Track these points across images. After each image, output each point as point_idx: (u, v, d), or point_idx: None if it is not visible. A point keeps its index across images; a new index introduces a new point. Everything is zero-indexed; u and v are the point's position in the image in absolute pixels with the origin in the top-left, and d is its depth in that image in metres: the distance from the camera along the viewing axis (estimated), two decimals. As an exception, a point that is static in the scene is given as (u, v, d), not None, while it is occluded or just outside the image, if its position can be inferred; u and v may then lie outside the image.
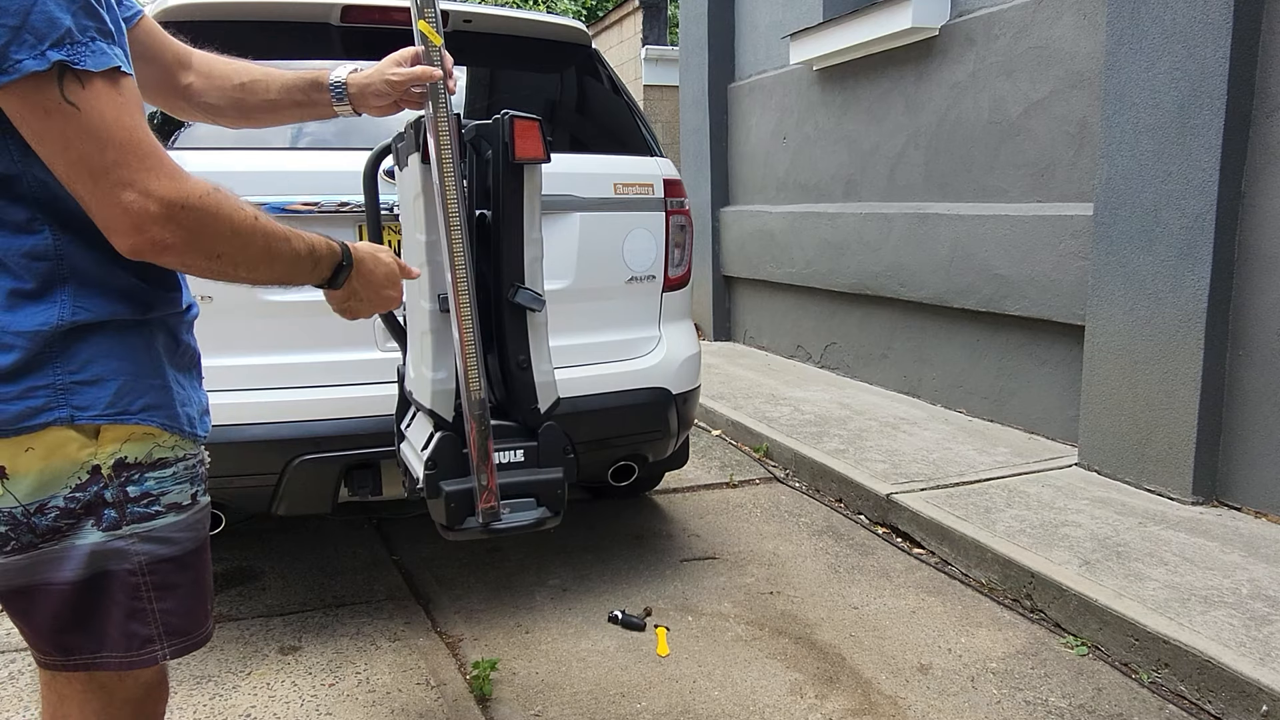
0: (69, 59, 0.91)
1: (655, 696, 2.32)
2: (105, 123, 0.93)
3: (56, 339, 1.02)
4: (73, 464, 1.05)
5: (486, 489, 1.97)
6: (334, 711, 2.24)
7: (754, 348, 6.80)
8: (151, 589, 1.12)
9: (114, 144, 0.94)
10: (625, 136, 3.00)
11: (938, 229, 4.73)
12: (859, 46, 5.19)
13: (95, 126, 0.93)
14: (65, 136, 0.92)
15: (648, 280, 2.91)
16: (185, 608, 1.17)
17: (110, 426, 1.06)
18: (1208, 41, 3.12)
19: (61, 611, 1.09)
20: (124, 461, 1.08)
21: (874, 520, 3.53)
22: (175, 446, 1.14)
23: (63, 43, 0.91)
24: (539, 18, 2.98)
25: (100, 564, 1.08)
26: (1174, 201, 3.29)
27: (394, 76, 1.64)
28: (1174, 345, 3.33)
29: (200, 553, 1.20)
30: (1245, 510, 3.25)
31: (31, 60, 0.89)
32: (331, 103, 1.61)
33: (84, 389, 1.04)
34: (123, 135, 0.94)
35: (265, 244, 1.11)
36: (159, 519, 1.12)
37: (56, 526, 1.05)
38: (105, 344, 1.06)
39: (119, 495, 1.08)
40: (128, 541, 1.09)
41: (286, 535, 3.34)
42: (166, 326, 1.14)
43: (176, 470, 1.14)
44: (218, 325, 2.41)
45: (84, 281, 1.04)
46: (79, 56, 0.92)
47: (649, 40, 10.63)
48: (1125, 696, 2.34)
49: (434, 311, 2.06)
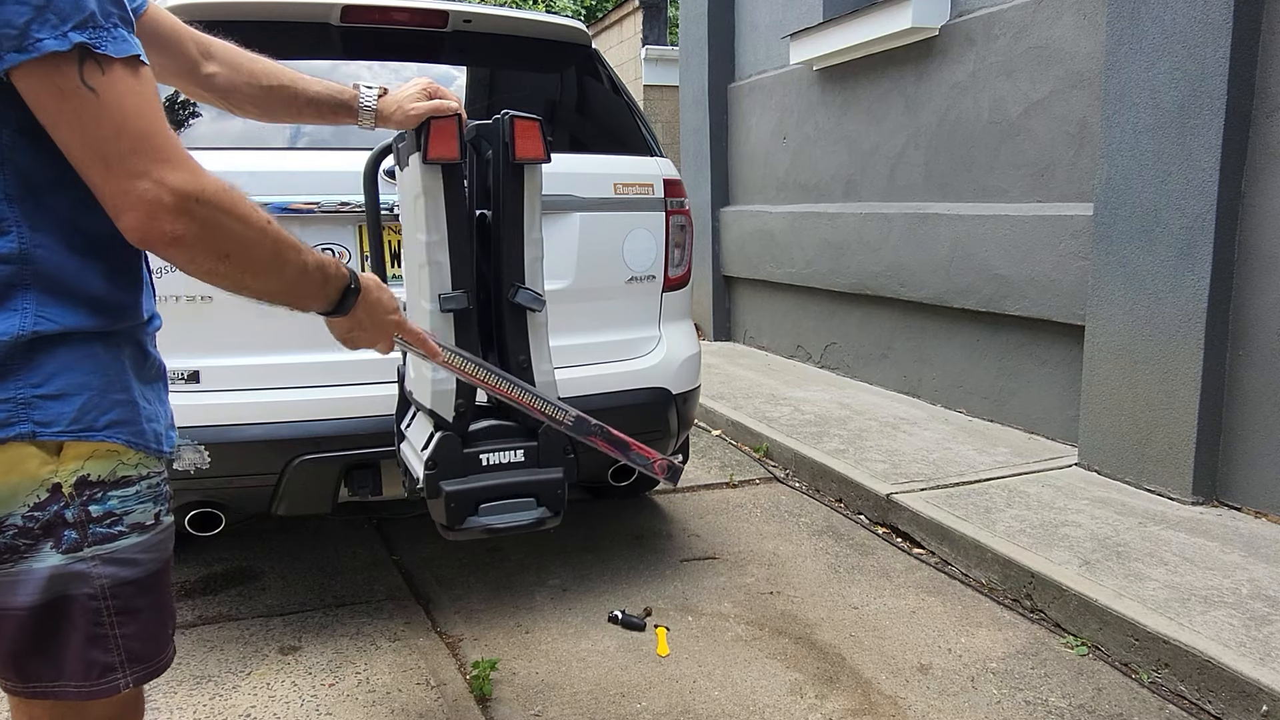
0: (90, 42, 0.90)
1: (655, 696, 2.32)
2: (123, 110, 0.92)
3: (19, 350, 0.97)
4: (32, 481, 1.00)
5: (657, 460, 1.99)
6: (334, 711, 2.24)
7: (754, 348, 6.80)
8: (113, 614, 1.07)
9: (130, 132, 0.93)
10: (625, 136, 3.00)
11: (938, 229, 4.73)
12: (859, 46, 5.19)
13: (113, 113, 0.92)
14: (81, 121, 0.91)
15: (648, 280, 2.91)
16: (148, 633, 1.12)
17: (74, 443, 1.02)
18: (1208, 41, 3.12)
19: (19, 637, 1.04)
20: (86, 479, 1.03)
21: (874, 520, 3.53)
22: (140, 464, 1.09)
23: (85, 25, 0.90)
24: (539, 18, 2.98)
25: (60, 588, 1.03)
26: (1174, 201, 3.29)
27: (413, 110, 1.81)
28: (1174, 345, 3.33)
29: (163, 574, 1.14)
30: (1245, 510, 3.25)
31: (53, 40, 0.88)
32: (358, 123, 1.73)
33: (47, 403, 0.99)
34: (140, 124, 0.93)
35: (275, 249, 1.08)
36: (122, 539, 1.07)
37: (14, 545, 1.01)
38: (70, 356, 1.01)
39: (80, 515, 1.03)
40: (89, 564, 1.04)
41: (286, 535, 3.34)
42: (134, 338, 1.10)
43: (140, 489, 1.09)
44: (218, 325, 2.41)
45: (49, 289, 0.99)
46: (100, 41, 0.91)
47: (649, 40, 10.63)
48: (1125, 696, 2.34)
49: (434, 312, 2.06)
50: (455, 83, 2.92)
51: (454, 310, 2.06)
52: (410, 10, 2.69)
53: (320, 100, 1.65)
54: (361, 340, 1.34)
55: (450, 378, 2.11)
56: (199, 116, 2.53)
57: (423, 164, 1.96)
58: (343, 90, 1.69)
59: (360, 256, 2.52)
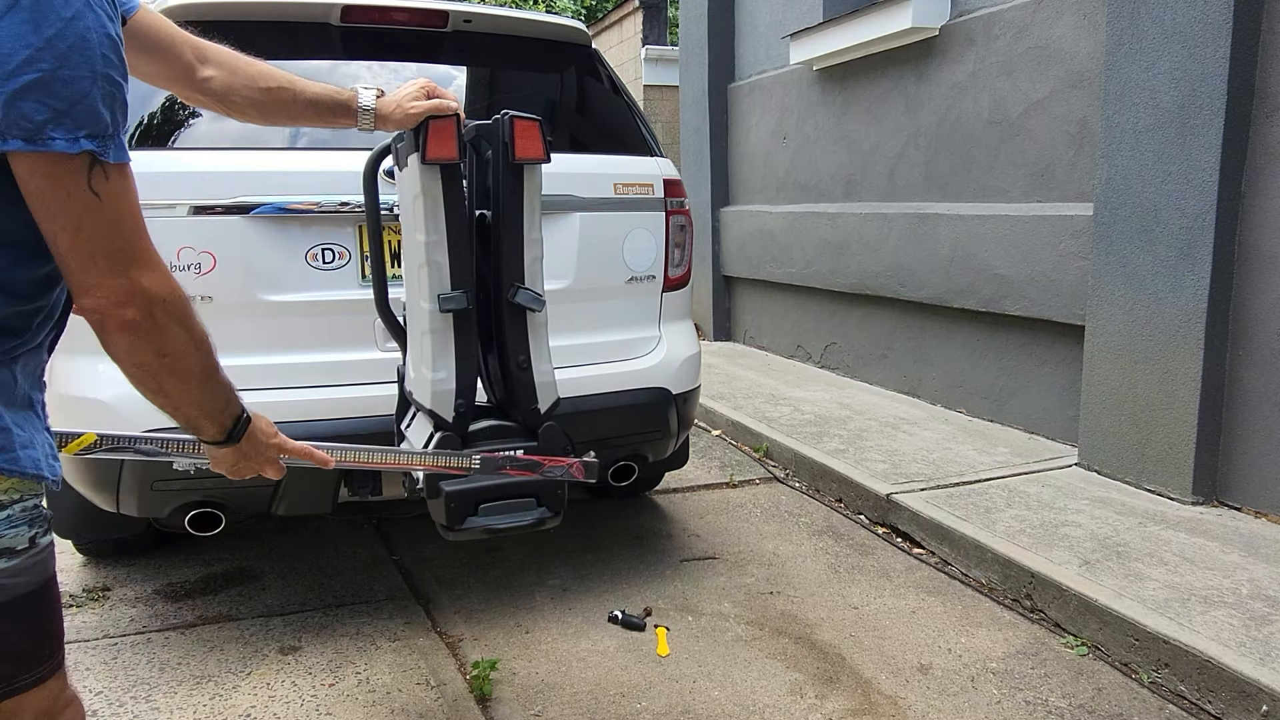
0: (98, 151, 0.96)
1: (655, 696, 2.32)
2: (119, 214, 1.00)
3: None
4: None
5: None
6: (334, 711, 2.24)
7: (754, 348, 6.80)
8: None
9: (121, 234, 1.00)
10: (625, 136, 3.00)
11: (938, 229, 4.73)
12: (859, 46, 5.18)
13: (110, 217, 0.99)
14: (80, 221, 0.97)
15: (648, 280, 2.91)
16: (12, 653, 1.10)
17: None
18: (1208, 41, 3.12)
19: None
20: None
21: (874, 520, 3.53)
22: (11, 489, 1.07)
23: (96, 135, 0.95)
24: (539, 18, 2.98)
25: None
26: (1174, 201, 3.29)
27: (412, 110, 1.83)
28: (1174, 345, 3.33)
29: (35, 597, 1.12)
30: (1245, 510, 3.25)
31: (65, 142, 0.93)
32: (356, 125, 1.75)
33: None
34: (130, 226, 1.01)
35: (204, 363, 1.17)
36: None
37: None
38: None
39: None
40: None
41: (286, 535, 3.34)
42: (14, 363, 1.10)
43: (12, 513, 1.07)
44: (218, 325, 2.39)
45: None
46: (106, 150, 0.97)
47: (649, 40, 10.63)
48: (1125, 696, 2.34)
49: (434, 312, 2.06)
50: (455, 83, 2.92)
51: (453, 310, 2.06)
52: (410, 10, 2.69)
53: (319, 102, 1.66)
54: (248, 469, 1.39)
55: (450, 377, 2.11)
56: (198, 116, 2.53)
57: (421, 164, 1.96)
58: (341, 92, 1.70)
59: (360, 256, 2.52)
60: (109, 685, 2.33)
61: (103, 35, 0.94)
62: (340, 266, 2.50)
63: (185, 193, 2.35)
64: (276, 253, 2.43)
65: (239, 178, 2.41)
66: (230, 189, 2.38)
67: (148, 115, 2.46)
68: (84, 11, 0.92)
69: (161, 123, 2.48)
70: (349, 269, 2.52)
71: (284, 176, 2.45)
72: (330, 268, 2.49)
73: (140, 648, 2.53)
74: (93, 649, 2.51)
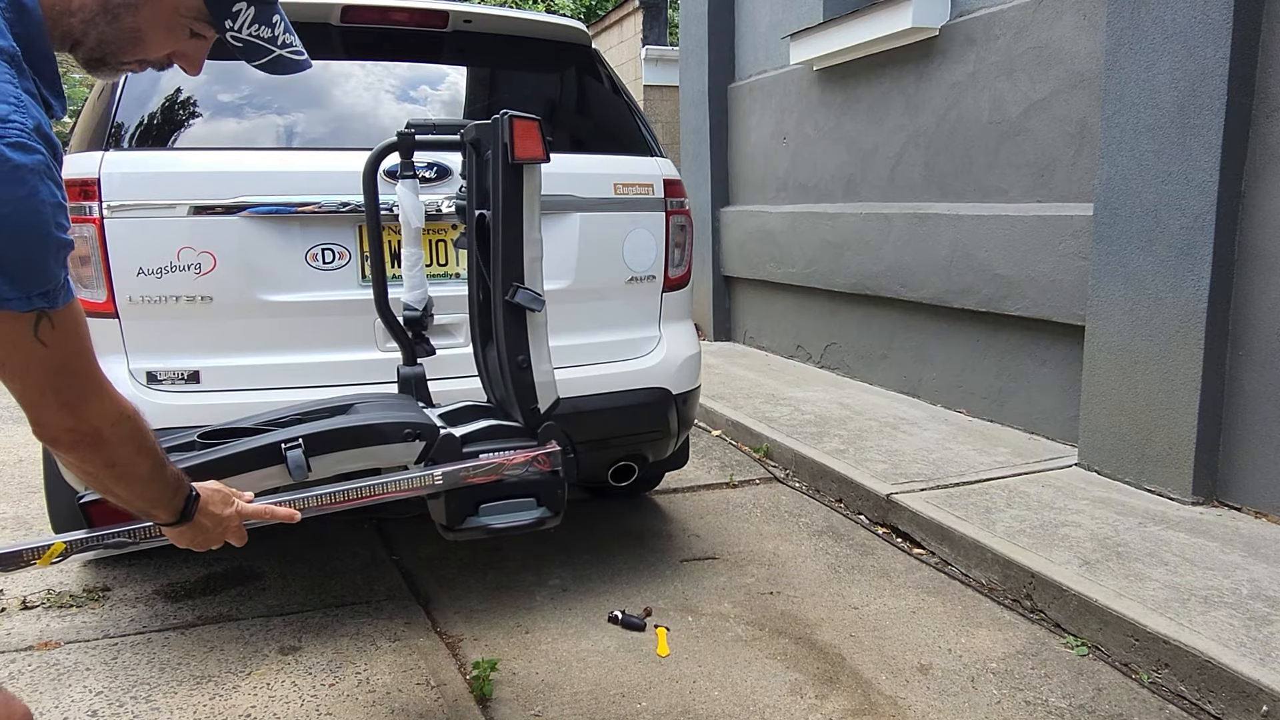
0: (48, 305, 0.99)
1: (655, 696, 2.32)
2: (65, 357, 1.03)
3: None
4: None
5: None
6: (334, 711, 2.24)
7: (754, 348, 6.80)
8: None
9: (67, 374, 1.04)
10: (625, 136, 3.00)
11: (938, 229, 4.73)
12: (859, 47, 5.18)
13: (56, 363, 1.02)
14: (28, 368, 1.01)
15: (648, 280, 2.91)
16: None
17: None
18: (1208, 41, 3.12)
19: None
20: None
21: (874, 520, 3.53)
22: None
23: (47, 292, 0.98)
24: (539, 18, 2.98)
25: None
26: (1174, 201, 3.29)
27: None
28: (1174, 345, 3.33)
29: None
30: (1245, 510, 3.25)
31: (18, 302, 0.96)
32: None
33: None
34: (77, 366, 1.05)
35: (152, 464, 1.21)
36: None
37: None
38: None
39: None
40: None
41: (286, 535, 3.33)
42: None
43: None
44: (218, 325, 2.41)
45: None
46: (55, 300, 0.99)
47: (649, 40, 10.63)
48: (1125, 696, 2.34)
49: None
50: (455, 83, 2.92)
51: None
52: (410, 10, 2.69)
53: None
54: (211, 540, 1.42)
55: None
56: (198, 117, 2.53)
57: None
58: None
59: (360, 257, 2.52)
60: (109, 685, 2.33)
61: (54, 205, 0.95)
62: (340, 267, 2.50)
63: (185, 193, 2.35)
64: (276, 253, 2.43)
65: (239, 178, 2.41)
66: (230, 189, 2.38)
67: (148, 115, 2.46)
68: (37, 187, 0.93)
69: (161, 123, 2.48)
70: (349, 269, 2.52)
71: (284, 177, 2.46)
72: (330, 268, 2.49)
73: (140, 648, 2.53)
74: (93, 649, 2.51)
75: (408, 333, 2.43)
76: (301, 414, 2.13)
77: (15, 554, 1.50)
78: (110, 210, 2.29)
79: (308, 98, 2.65)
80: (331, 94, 2.68)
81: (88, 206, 2.28)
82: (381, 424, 2.05)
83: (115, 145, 2.38)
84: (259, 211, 2.39)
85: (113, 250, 2.29)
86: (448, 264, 2.67)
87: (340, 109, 2.67)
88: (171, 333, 2.37)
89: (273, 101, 2.61)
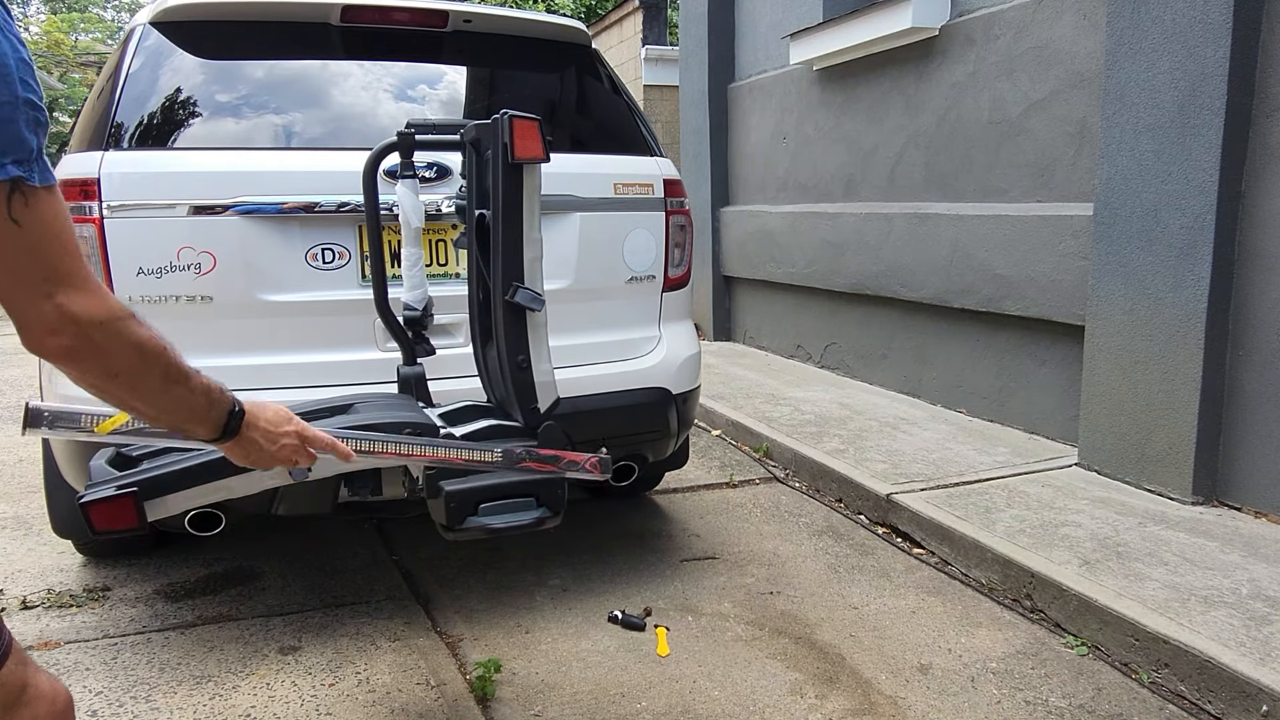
0: (24, 175, 0.93)
1: (655, 696, 2.32)
2: (42, 238, 0.95)
3: None
4: None
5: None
6: (334, 711, 2.24)
7: (754, 348, 6.80)
8: None
9: (45, 258, 0.96)
10: (625, 136, 3.00)
11: (938, 229, 4.73)
12: (859, 46, 5.18)
13: (33, 242, 0.95)
14: (1, 248, 0.94)
15: (648, 280, 2.91)
16: None
17: None
18: (1208, 41, 3.12)
19: None
20: None
21: (874, 520, 3.53)
22: None
23: (21, 160, 0.92)
24: (539, 18, 2.98)
25: None
26: (1174, 201, 3.29)
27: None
28: (1174, 345, 3.33)
29: None
30: (1245, 510, 3.25)
31: None
32: None
33: None
34: (55, 250, 0.97)
35: (166, 372, 1.12)
36: None
37: None
38: None
39: None
40: None
41: (286, 535, 3.34)
42: None
43: None
44: (218, 325, 2.41)
45: None
46: (31, 173, 0.93)
47: (649, 40, 10.62)
48: (1125, 696, 2.34)
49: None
50: (455, 83, 2.92)
51: None
52: (410, 10, 2.69)
53: None
54: (270, 459, 1.34)
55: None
56: (198, 117, 2.53)
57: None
58: None
59: (360, 256, 2.52)
60: (109, 685, 2.33)
61: (18, 60, 0.92)
62: (340, 266, 2.50)
63: (185, 193, 2.35)
64: (276, 253, 2.43)
65: (239, 178, 2.41)
66: (230, 189, 2.38)
67: (147, 115, 2.46)
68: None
69: (161, 123, 2.48)
70: (349, 269, 2.52)
71: (284, 177, 2.45)
72: (330, 268, 2.49)
73: (140, 648, 2.53)
74: (93, 649, 2.51)
75: (408, 332, 2.43)
76: (301, 414, 2.12)
77: (74, 415, 1.42)
78: (110, 210, 2.29)
79: (308, 98, 2.65)
80: (331, 94, 2.68)
81: (88, 206, 2.28)
82: (381, 424, 2.05)
83: (115, 145, 2.38)
84: (259, 211, 2.39)
85: (112, 250, 2.29)
86: (448, 264, 2.67)
87: (340, 109, 2.67)
88: (171, 333, 2.36)
89: (272, 101, 2.61)
